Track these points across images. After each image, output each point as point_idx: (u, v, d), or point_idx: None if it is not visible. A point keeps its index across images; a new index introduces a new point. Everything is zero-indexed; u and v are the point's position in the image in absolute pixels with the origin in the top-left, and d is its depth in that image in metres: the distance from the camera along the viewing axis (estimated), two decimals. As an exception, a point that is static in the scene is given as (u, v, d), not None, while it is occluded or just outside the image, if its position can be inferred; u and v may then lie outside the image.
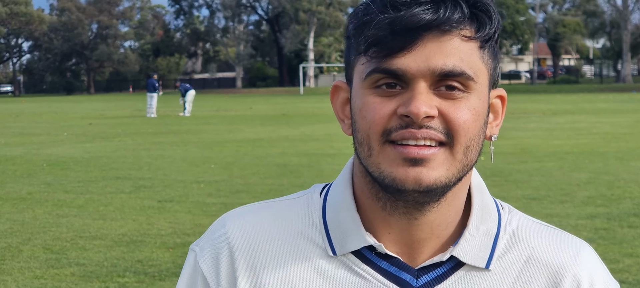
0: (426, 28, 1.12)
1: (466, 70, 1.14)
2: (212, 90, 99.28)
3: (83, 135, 25.88)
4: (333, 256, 1.21)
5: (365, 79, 1.15)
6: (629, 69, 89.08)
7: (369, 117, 1.15)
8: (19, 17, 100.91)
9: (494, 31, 1.17)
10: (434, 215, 1.20)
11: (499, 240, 1.24)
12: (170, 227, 9.72)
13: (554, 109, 40.07)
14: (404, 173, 1.13)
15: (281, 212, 1.26)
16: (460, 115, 1.14)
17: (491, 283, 1.21)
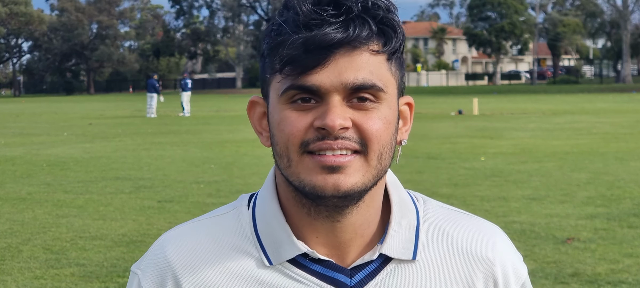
0: (337, 46, 1.19)
1: (376, 82, 1.21)
2: (212, 91, 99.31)
3: (83, 135, 25.88)
4: (269, 266, 1.28)
5: (282, 95, 1.22)
6: (628, 69, 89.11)
7: (287, 131, 1.21)
8: (19, 18, 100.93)
9: (400, 44, 1.25)
10: (355, 217, 1.27)
11: (420, 231, 1.32)
12: (170, 227, 9.71)
13: (554, 109, 40.07)
14: (322, 180, 1.20)
15: (215, 230, 1.32)
16: (373, 124, 1.22)
17: (418, 273, 1.30)
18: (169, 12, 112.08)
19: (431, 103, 50.72)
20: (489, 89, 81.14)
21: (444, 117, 34.25)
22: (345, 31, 1.19)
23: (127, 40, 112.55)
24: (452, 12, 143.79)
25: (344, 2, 1.20)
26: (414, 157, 17.45)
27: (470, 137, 22.94)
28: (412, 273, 1.30)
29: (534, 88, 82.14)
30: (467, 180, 13.58)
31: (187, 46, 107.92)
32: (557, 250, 8.21)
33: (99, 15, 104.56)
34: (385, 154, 1.25)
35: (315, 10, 1.19)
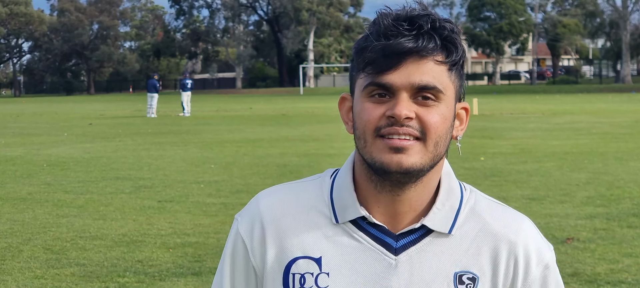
0: (408, 53, 1.51)
1: (437, 85, 1.53)
2: (212, 91, 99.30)
3: (83, 135, 25.89)
4: (336, 224, 1.61)
5: (363, 90, 1.54)
6: (628, 70, 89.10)
7: (365, 118, 1.54)
8: (19, 18, 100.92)
9: (459, 58, 1.57)
10: (412, 193, 1.58)
11: (460, 213, 1.62)
12: (170, 227, 9.73)
13: (554, 109, 40.08)
14: (389, 158, 1.52)
15: (301, 191, 1.67)
16: (431, 118, 1.53)
17: (452, 245, 1.60)
18: (169, 12, 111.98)
19: (431, 103, 50.62)
20: (488, 89, 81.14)
21: (444, 117, 34.22)
22: (415, 42, 1.51)
23: (127, 41, 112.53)
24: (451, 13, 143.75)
25: (417, 20, 1.52)
26: (414, 157, 17.47)
27: (469, 137, 22.95)
28: (447, 244, 1.59)
29: (533, 88, 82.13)
30: (467, 180, 13.56)
31: (187, 46, 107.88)
32: (557, 250, 8.20)
33: (100, 15, 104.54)
34: (441, 143, 1.55)
35: (394, 24, 1.52)
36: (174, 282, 7.23)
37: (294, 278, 1.61)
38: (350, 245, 1.60)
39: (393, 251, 1.59)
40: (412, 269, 1.58)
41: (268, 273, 1.63)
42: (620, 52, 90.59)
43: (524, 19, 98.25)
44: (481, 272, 1.59)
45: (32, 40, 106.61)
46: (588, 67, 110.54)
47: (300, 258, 1.61)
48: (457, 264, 1.59)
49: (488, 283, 1.60)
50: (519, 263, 1.60)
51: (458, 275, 1.59)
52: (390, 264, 1.59)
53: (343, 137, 23.48)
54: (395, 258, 1.59)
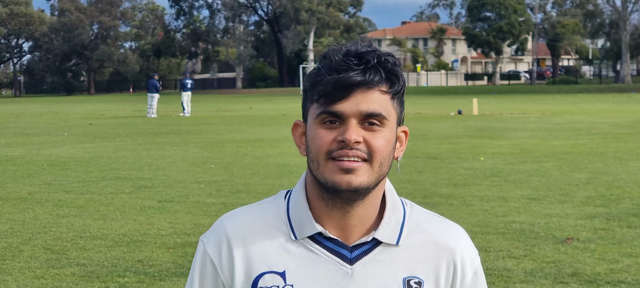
0: (357, 85, 1.70)
1: (382, 112, 1.71)
2: (212, 91, 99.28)
3: (83, 135, 25.90)
4: (295, 240, 1.78)
5: (316, 118, 1.72)
6: (628, 70, 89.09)
7: (318, 142, 1.72)
8: (19, 18, 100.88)
9: (401, 88, 1.75)
10: (360, 209, 1.76)
11: (405, 226, 1.81)
12: (171, 227, 9.73)
13: (553, 109, 40.08)
14: (340, 178, 1.70)
15: (260, 212, 1.83)
16: (377, 141, 1.71)
17: (399, 254, 1.79)
18: (169, 12, 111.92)
19: (431, 103, 50.73)
20: (488, 89, 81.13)
21: (444, 117, 34.26)
22: (363, 76, 1.70)
23: (127, 41, 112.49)
24: (451, 13, 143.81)
25: (364, 55, 1.72)
26: (414, 157, 17.47)
27: (469, 137, 22.96)
28: (395, 254, 1.79)
29: (533, 88, 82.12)
30: (467, 180, 13.59)
31: (187, 46, 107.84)
32: (557, 250, 8.22)
33: (100, 15, 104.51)
34: (385, 164, 1.73)
35: (343, 60, 1.71)
36: (174, 282, 7.24)
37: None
38: (310, 258, 1.77)
39: (348, 261, 1.77)
40: (366, 276, 1.77)
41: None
42: (620, 52, 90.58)
43: (524, 19, 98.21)
44: (426, 277, 1.80)
45: (33, 41, 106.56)
46: (588, 67, 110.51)
47: (266, 273, 1.77)
48: (405, 271, 1.79)
49: (432, 286, 1.80)
50: (457, 268, 1.82)
51: (406, 280, 1.79)
52: (346, 273, 1.77)
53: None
54: (351, 268, 1.77)
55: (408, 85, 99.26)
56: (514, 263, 7.70)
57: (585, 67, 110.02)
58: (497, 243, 8.58)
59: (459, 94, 70.14)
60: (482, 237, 8.86)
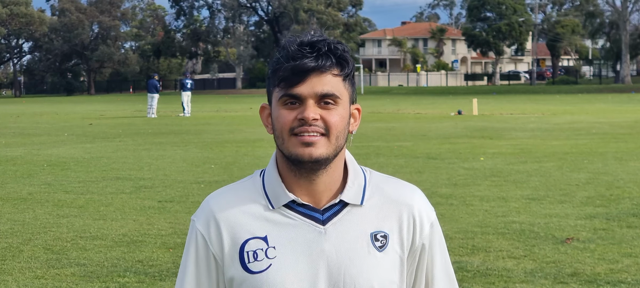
0: (312, 70, 1.96)
1: (335, 92, 1.97)
2: (212, 91, 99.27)
3: (83, 135, 25.90)
4: (272, 209, 2.04)
5: (279, 100, 1.99)
6: (627, 70, 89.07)
7: (282, 121, 1.98)
8: (19, 18, 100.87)
9: (351, 71, 2.01)
10: (324, 176, 2.02)
11: (366, 188, 2.07)
12: (171, 227, 9.74)
13: (553, 109, 40.08)
14: (302, 151, 1.96)
15: (239, 189, 2.09)
16: (332, 118, 1.97)
17: (364, 213, 2.05)
18: (169, 13, 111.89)
19: (431, 103, 50.72)
20: (488, 90, 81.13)
21: (444, 118, 34.27)
22: (316, 61, 1.96)
23: (127, 41, 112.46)
24: (451, 13, 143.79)
25: (316, 44, 1.98)
26: (414, 157, 17.48)
27: (469, 137, 22.97)
28: (361, 213, 2.05)
29: (533, 88, 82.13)
30: (467, 180, 13.60)
31: (187, 47, 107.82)
32: (557, 250, 8.23)
33: (100, 16, 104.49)
34: (341, 137, 1.99)
35: (299, 49, 1.97)
36: (174, 282, 7.24)
37: (248, 255, 2.02)
38: (287, 223, 2.02)
39: (321, 222, 2.02)
40: (338, 234, 2.02)
41: (226, 256, 2.04)
42: (620, 52, 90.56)
43: (524, 19, 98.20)
44: (390, 231, 2.05)
45: (33, 41, 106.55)
46: (588, 67, 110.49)
47: (250, 239, 2.03)
48: (371, 226, 2.04)
49: (396, 238, 2.06)
50: (416, 222, 2.08)
51: (373, 234, 2.04)
52: (320, 232, 2.02)
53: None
54: (323, 228, 2.02)
55: (408, 85, 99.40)
56: (514, 264, 7.71)
57: (585, 68, 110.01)
58: (497, 243, 8.58)
59: (459, 94, 70.15)
60: (482, 237, 8.87)
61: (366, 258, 2.02)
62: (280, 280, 2.00)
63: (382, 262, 2.03)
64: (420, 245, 2.09)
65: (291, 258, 2.01)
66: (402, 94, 75.51)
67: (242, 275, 2.02)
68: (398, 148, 19.67)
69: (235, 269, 2.03)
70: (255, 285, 2.01)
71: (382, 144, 20.82)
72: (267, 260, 2.01)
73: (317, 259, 2.01)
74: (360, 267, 2.01)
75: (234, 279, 2.03)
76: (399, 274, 2.06)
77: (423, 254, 2.10)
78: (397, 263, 2.05)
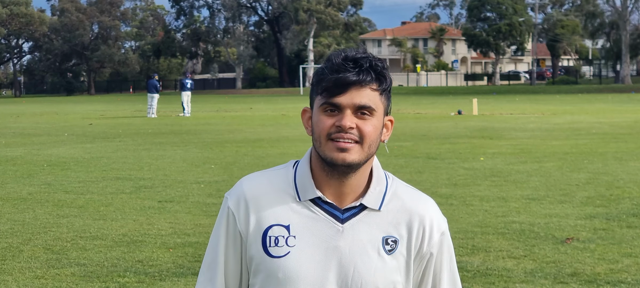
0: (352, 84, 2.15)
1: (371, 105, 2.16)
2: (212, 91, 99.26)
3: (83, 135, 25.90)
4: (299, 201, 2.23)
5: (320, 106, 2.18)
6: (627, 70, 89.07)
7: (321, 126, 2.17)
8: (19, 18, 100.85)
9: (388, 86, 2.21)
10: (352, 180, 2.20)
11: (386, 195, 2.25)
12: (171, 227, 9.74)
13: (553, 109, 40.09)
14: (337, 155, 2.15)
15: (272, 177, 2.28)
16: (366, 128, 2.16)
17: (381, 218, 2.23)
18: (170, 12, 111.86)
19: (431, 103, 50.72)
20: (488, 90, 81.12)
21: (444, 118, 34.27)
22: (357, 76, 2.15)
23: (127, 41, 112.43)
24: (451, 13, 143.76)
25: (359, 60, 2.17)
26: (414, 157, 17.48)
27: (469, 137, 22.97)
28: (377, 217, 2.23)
29: (533, 88, 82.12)
30: (467, 180, 13.60)
31: (187, 47, 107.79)
32: (557, 250, 8.23)
33: (100, 16, 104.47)
34: (373, 145, 2.18)
35: (342, 63, 2.16)
36: (174, 282, 7.24)
37: (270, 240, 2.21)
38: (310, 216, 2.21)
39: (340, 221, 2.21)
40: (353, 234, 2.21)
41: (250, 236, 2.23)
42: (620, 52, 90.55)
43: (524, 19, 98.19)
44: (400, 236, 2.24)
45: (33, 41, 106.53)
46: (587, 67, 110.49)
47: (274, 226, 2.22)
48: (384, 231, 2.23)
49: (405, 244, 2.24)
50: (426, 230, 2.25)
51: (385, 238, 2.23)
52: (338, 230, 2.21)
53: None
54: (342, 226, 2.21)
55: (408, 85, 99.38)
56: (514, 264, 7.71)
57: (585, 68, 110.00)
58: (497, 243, 8.58)
59: (459, 94, 70.15)
60: (482, 237, 8.87)
61: (375, 259, 2.22)
62: (296, 267, 2.20)
63: (389, 264, 2.23)
64: (428, 253, 2.27)
65: (308, 249, 2.21)
66: (402, 94, 75.51)
67: (262, 256, 2.22)
68: (398, 148, 19.67)
69: (256, 250, 2.23)
70: (273, 268, 2.21)
71: (382, 144, 20.81)
72: (286, 247, 2.21)
73: (331, 254, 2.21)
74: (369, 266, 2.21)
75: (253, 258, 2.24)
76: (404, 277, 2.26)
77: (430, 261, 2.28)
78: (402, 267, 2.25)
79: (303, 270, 2.20)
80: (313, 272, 2.20)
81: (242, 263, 2.28)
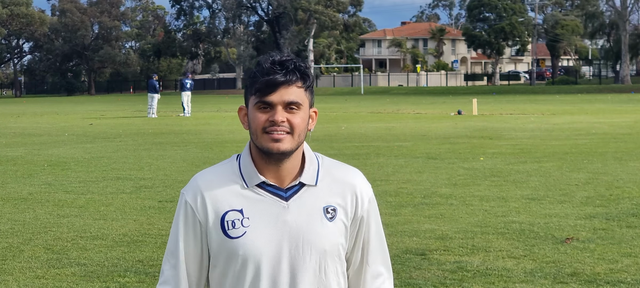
0: (281, 84, 2.50)
1: (298, 101, 2.52)
2: (212, 91, 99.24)
3: (84, 135, 25.91)
4: (246, 187, 2.58)
5: (254, 105, 2.53)
6: (627, 70, 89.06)
7: (257, 121, 2.52)
8: (20, 19, 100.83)
9: (311, 83, 2.56)
10: (287, 164, 2.56)
11: (320, 172, 2.62)
12: (171, 227, 9.74)
13: (553, 109, 40.09)
14: (271, 145, 2.50)
15: (221, 170, 2.64)
16: (295, 120, 2.51)
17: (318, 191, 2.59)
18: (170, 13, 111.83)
19: (430, 103, 50.73)
20: (488, 90, 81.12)
21: (443, 118, 34.28)
22: (284, 77, 2.50)
23: (127, 41, 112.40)
24: (451, 13, 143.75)
25: (285, 63, 2.52)
26: (414, 157, 17.49)
27: (469, 137, 22.98)
28: (315, 191, 2.59)
29: (533, 88, 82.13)
30: (467, 180, 13.61)
31: (188, 47, 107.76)
32: (556, 250, 8.24)
33: (101, 16, 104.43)
34: (302, 134, 2.53)
35: (271, 67, 2.51)
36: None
37: (228, 224, 2.55)
38: (258, 199, 2.56)
39: (285, 199, 2.56)
40: (297, 208, 2.56)
41: (210, 224, 2.56)
42: (620, 52, 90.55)
43: (524, 19, 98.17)
44: (338, 205, 2.60)
45: (33, 41, 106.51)
46: (587, 67, 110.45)
47: (229, 211, 2.55)
48: (323, 201, 2.59)
49: (343, 211, 2.60)
50: (358, 197, 2.63)
51: (325, 207, 2.59)
52: (284, 207, 2.56)
53: (343, 138, 23.48)
54: (286, 203, 2.56)
55: (408, 85, 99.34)
56: (514, 263, 7.72)
57: (585, 68, 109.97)
58: (496, 243, 8.60)
59: (459, 94, 70.14)
60: (481, 237, 8.88)
61: (319, 226, 2.57)
62: (253, 244, 2.53)
63: (332, 229, 2.58)
64: (360, 216, 2.64)
65: (261, 226, 2.54)
66: (402, 94, 75.50)
67: (222, 239, 2.55)
68: (398, 148, 19.68)
69: (216, 234, 2.56)
70: (233, 247, 2.54)
71: (382, 144, 20.83)
72: (242, 228, 2.54)
73: (281, 227, 2.54)
74: (315, 233, 2.56)
75: (213, 243, 2.56)
76: (344, 238, 2.62)
77: (362, 223, 2.66)
78: (343, 230, 2.61)
79: (259, 244, 2.53)
80: (268, 245, 2.53)
81: (201, 250, 2.60)
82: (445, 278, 7.21)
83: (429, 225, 9.45)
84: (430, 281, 7.13)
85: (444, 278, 7.21)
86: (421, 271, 7.47)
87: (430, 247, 8.35)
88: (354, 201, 2.62)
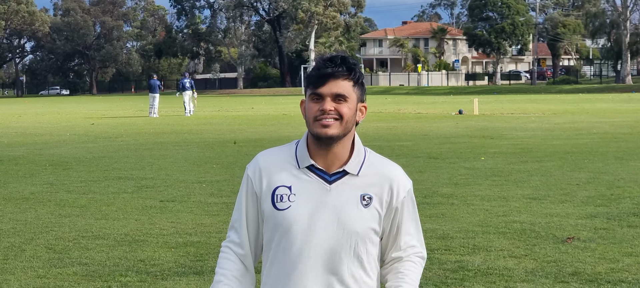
0: (330, 76, 2.86)
1: (345, 93, 2.86)
2: (213, 91, 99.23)
3: (85, 135, 25.93)
4: (298, 168, 2.94)
5: (309, 96, 2.89)
6: (628, 69, 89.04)
7: (310, 111, 2.87)
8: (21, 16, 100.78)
9: (358, 78, 2.89)
10: (335, 149, 2.90)
11: (364, 164, 2.94)
12: (172, 226, 9.76)
13: (554, 109, 40.08)
14: (320, 130, 2.85)
15: (280, 151, 3.01)
16: (343, 109, 2.85)
17: (359, 180, 2.92)
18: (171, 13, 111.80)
19: (432, 103, 50.73)
20: (489, 89, 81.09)
21: (445, 117, 34.27)
22: (332, 69, 2.85)
23: (129, 41, 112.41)
24: (452, 13, 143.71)
25: (334, 59, 2.86)
26: (415, 156, 17.50)
27: (470, 136, 22.98)
28: (356, 180, 2.92)
29: (534, 88, 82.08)
30: (468, 179, 13.61)
31: (189, 46, 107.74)
32: (557, 250, 8.25)
33: (103, 16, 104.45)
34: (349, 123, 2.87)
35: (323, 63, 2.87)
36: (176, 282, 7.26)
37: (277, 196, 2.93)
38: (306, 179, 2.92)
39: (328, 182, 2.91)
40: (338, 192, 2.91)
41: (263, 194, 2.96)
42: (621, 51, 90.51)
43: (525, 19, 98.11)
44: (374, 194, 2.92)
45: (35, 40, 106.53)
46: (588, 67, 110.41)
47: (280, 187, 2.94)
48: (361, 189, 2.92)
49: (378, 200, 2.93)
50: (394, 190, 2.96)
51: (362, 195, 2.92)
52: (326, 189, 2.91)
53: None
54: (330, 186, 2.91)
55: (409, 85, 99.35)
56: (515, 263, 7.73)
57: (586, 67, 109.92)
58: (497, 242, 8.60)
59: (460, 93, 70.09)
60: (482, 237, 8.89)
61: (354, 211, 2.91)
62: (295, 216, 2.91)
63: (365, 214, 2.91)
64: (395, 207, 2.97)
65: (304, 203, 2.91)
66: (403, 94, 75.48)
67: (271, 209, 2.94)
68: (399, 147, 19.68)
69: (267, 205, 2.95)
70: (279, 217, 2.93)
71: (383, 144, 20.83)
72: (288, 202, 2.92)
73: (321, 207, 2.91)
74: (349, 215, 2.90)
75: (265, 211, 2.96)
76: (377, 224, 2.94)
77: (397, 213, 2.99)
78: (376, 217, 2.93)
79: (300, 217, 2.90)
80: (307, 219, 2.90)
81: (257, 217, 3.00)
82: (447, 278, 7.22)
83: (430, 225, 9.46)
84: (432, 280, 7.13)
85: (446, 278, 7.22)
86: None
87: (432, 247, 8.36)
88: (389, 192, 2.94)
